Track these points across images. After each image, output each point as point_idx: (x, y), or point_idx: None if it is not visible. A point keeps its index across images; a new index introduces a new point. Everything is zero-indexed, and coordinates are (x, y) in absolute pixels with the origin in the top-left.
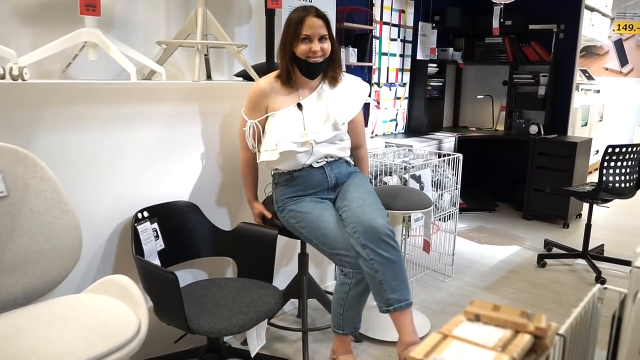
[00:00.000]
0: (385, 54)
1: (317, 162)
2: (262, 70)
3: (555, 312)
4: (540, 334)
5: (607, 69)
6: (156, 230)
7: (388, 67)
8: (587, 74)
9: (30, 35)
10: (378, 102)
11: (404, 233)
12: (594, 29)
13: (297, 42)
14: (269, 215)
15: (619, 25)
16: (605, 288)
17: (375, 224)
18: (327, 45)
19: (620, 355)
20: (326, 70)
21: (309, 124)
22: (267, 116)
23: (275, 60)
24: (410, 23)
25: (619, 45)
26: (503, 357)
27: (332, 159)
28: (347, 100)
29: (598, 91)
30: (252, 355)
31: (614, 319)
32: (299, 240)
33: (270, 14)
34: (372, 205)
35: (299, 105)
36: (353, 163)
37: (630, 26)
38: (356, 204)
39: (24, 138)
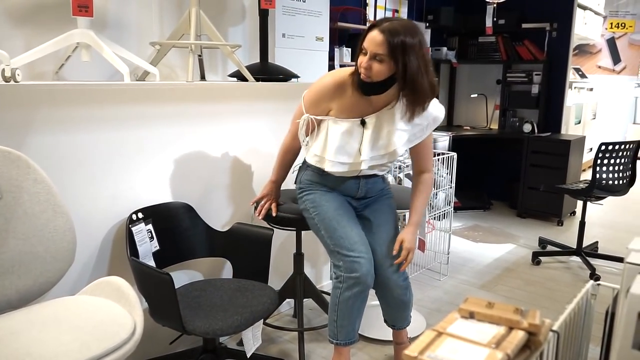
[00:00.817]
0: None
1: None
2: (256, 70)
3: (550, 309)
4: (534, 330)
5: (600, 67)
6: (151, 232)
7: None
8: (580, 72)
9: (23, 37)
10: None
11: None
12: (587, 27)
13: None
14: (274, 211)
15: (611, 23)
16: (599, 284)
17: (391, 284)
18: (378, 68)
19: (613, 350)
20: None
21: (365, 148)
22: (327, 119)
23: (270, 61)
24: None
25: (611, 43)
26: (497, 354)
27: (369, 173)
28: (416, 127)
29: (591, 89)
30: (248, 355)
31: (607, 314)
32: (295, 240)
33: (263, 14)
34: (392, 250)
35: (363, 123)
36: (387, 179)
37: (623, 24)
38: (380, 249)
39: (16, 140)
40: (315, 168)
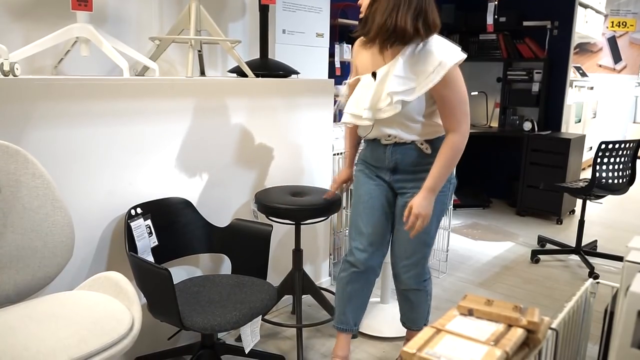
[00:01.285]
0: None
1: (386, 139)
2: (256, 66)
3: (548, 307)
4: (533, 328)
5: (600, 65)
6: (150, 227)
7: None
8: (580, 71)
9: (22, 31)
10: None
11: None
12: (588, 25)
13: None
14: (330, 193)
15: (612, 22)
16: (598, 282)
17: (400, 278)
18: (364, 1)
19: (612, 348)
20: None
21: (367, 97)
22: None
23: (270, 57)
24: None
25: (612, 42)
26: (496, 351)
27: (400, 140)
28: (422, 75)
29: (591, 88)
30: (247, 351)
31: (606, 313)
32: (294, 236)
33: (264, 10)
34: (408, 253)
35: (374, 75)
36: (429, 151)
37: (624, 23)
38: (397, 248)
39: (15, 134)
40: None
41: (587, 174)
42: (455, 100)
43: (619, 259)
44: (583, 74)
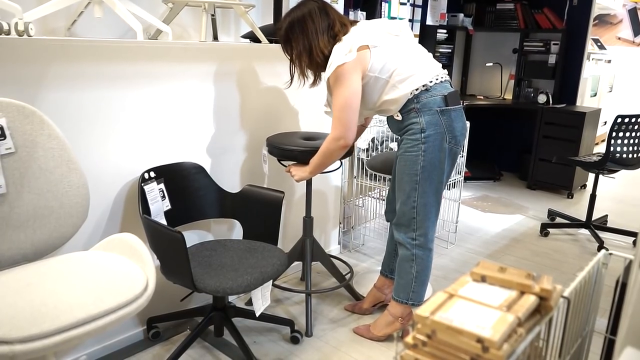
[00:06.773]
0: (394, 18)
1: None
2: (270, 32)
3: (556, 279)
4: (545, 295)
5: (619, 38)
6: (163, 191)
7: None
8: (599, 44)
9: None
10: None
11: None
12: None
13: None
14: None
15: None
16: (611, 254)
17: (394, 231)
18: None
19: (624, 317)
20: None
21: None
22: None
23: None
24: None
25: (633, 14)
26: (508, 317)
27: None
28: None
29: (609, 61)
30: (257, 315)
31: (617, 284)
32: (305, 204)
33: None
34: (399, 212)
35: None
36: (399, 117)
37: None
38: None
39: (29, 94)
40: None
41: (600, 149)
42: (335, 104)
43: (629, 234)
44: (601, 47)
